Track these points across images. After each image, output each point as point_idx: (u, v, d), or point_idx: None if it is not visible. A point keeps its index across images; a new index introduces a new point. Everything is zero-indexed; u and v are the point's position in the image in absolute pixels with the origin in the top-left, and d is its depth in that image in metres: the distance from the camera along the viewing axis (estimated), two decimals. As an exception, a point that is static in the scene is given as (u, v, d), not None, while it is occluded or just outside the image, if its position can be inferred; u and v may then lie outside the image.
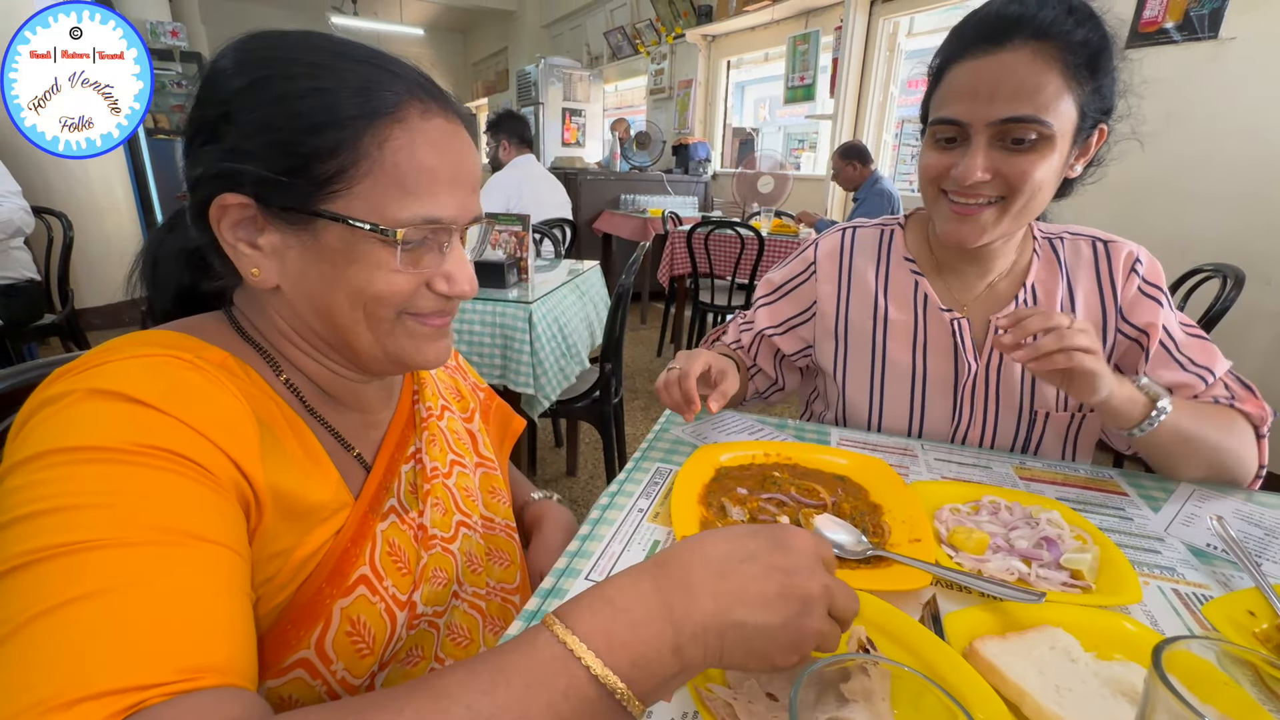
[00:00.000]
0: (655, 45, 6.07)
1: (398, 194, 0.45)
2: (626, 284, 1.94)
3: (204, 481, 0.39)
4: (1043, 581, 0.54)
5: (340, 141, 0.44)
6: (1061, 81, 0.67)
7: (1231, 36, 2.35)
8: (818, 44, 4.49)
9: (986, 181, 0.72)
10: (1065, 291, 0.84)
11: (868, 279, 0.92)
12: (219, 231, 0.46)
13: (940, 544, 0.60)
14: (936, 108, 0.75)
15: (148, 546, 0.35)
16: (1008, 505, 0.65)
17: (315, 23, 8.49)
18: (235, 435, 0.41)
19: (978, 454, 0.84)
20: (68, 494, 0.35)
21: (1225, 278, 1.99)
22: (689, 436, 0.85)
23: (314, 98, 0.44)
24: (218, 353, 0.46)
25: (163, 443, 0.38)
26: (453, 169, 0.48)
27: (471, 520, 0.64)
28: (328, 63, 0.45)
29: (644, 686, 0.34)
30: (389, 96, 0.45)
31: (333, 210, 0.45)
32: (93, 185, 4.08)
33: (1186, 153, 2.49)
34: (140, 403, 0.38)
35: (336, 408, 0.55)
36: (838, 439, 0.87)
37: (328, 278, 0.46)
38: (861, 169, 3.54)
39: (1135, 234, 0.87)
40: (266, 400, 0.47)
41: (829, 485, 0.68)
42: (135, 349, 0.42)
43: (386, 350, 0.50)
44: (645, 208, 4.94)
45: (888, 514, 0.64)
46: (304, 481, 0.47)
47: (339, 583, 0.49)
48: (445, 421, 0.66)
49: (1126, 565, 0.56)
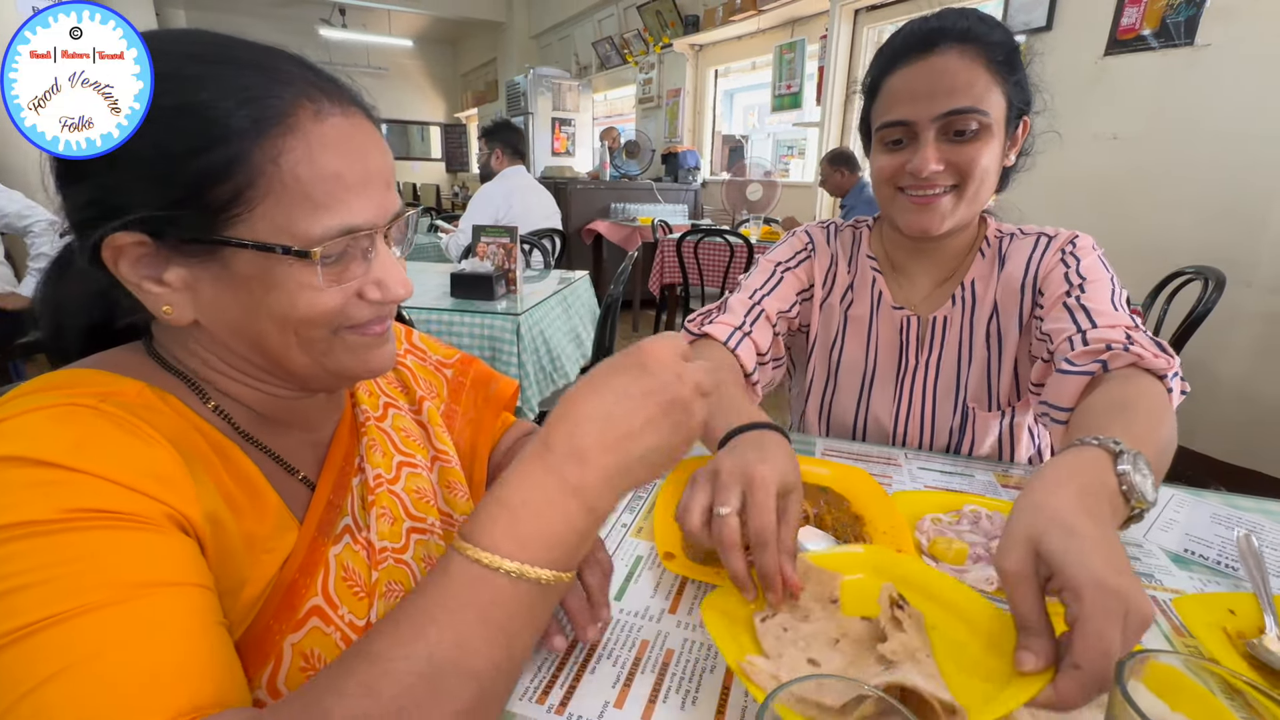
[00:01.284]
0: (643, 55, 6.12)
1: (305, 208, 0.41)
2: (616, 294, 1.95)
3: (139, 528, 0.36)
4: (1022, 591, 0.55)
5: (229, 160, 0.38)
6: (989, 76, 0.75)
7: (1207, 43, 2.39)
8: (804, 53, 4.54)
9: (940, 171, 0.77)
10: (997, 287, 0.87)
11: (844, 271, 0.97)
12: (118, 272, 0.41)
13: (922, 555, 0.60)
14: (880, 115, 0.81)
15: (103, 609, 0.33)
16: (988, 514, 0.66)
17: (304, 35, 8.51)
18: (156, 478, 0.38)
19: (959, 462, 0.85)
20: (8, 574, 0.32)
21: (1207, 280, 2.01)
22: (674, 449, 0.85)
23: (190, 116, 0.38)
24: (131, 385, 0.42)
25: (83, 503, 0.35)
26: (361, 170, 0.43)
27: (426, 523, 0.59)
28: (199, 73, 0.40)
29: (569, 558, 0.37)
30: (275, 103, 0.40)
31: (237, 237, 0.40)
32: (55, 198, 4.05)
33: (1166, 157, 2.53)
34: (49, 464, 0.35)
35: (274, 429, 0.51)
36: (822, 449, 0.88)
37: (248, 307, 0.42)
38: (849, 175, 3.58)
39: (1117, 238, 0.90)
40: (190, 431, 0.43)
41: (811, 496, 0.69)
42: (32, 399, 0.38)
43: (327, 369, 0.47)
44: (635, 216, 4.96)
45: (869, 525, 0.64)
46: (241, 516, 0.44)
47: (288, 617, 0.46)
48: (389, 421, 0.62)
49: (1104, 573, 0.56)
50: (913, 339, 0.91)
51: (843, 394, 0.96)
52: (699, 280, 3.56)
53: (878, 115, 0.81)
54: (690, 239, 3.45)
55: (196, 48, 0.41)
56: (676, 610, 0.54)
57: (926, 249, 0.89)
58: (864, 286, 0.95)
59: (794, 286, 0.96)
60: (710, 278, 3.55)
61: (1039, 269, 0.85)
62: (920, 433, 0.93)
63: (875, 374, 0.94)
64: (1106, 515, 0.46)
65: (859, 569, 0.52)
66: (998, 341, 0.88)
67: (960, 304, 0.89)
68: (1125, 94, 2.64)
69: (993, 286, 0.88)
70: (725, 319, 0.90)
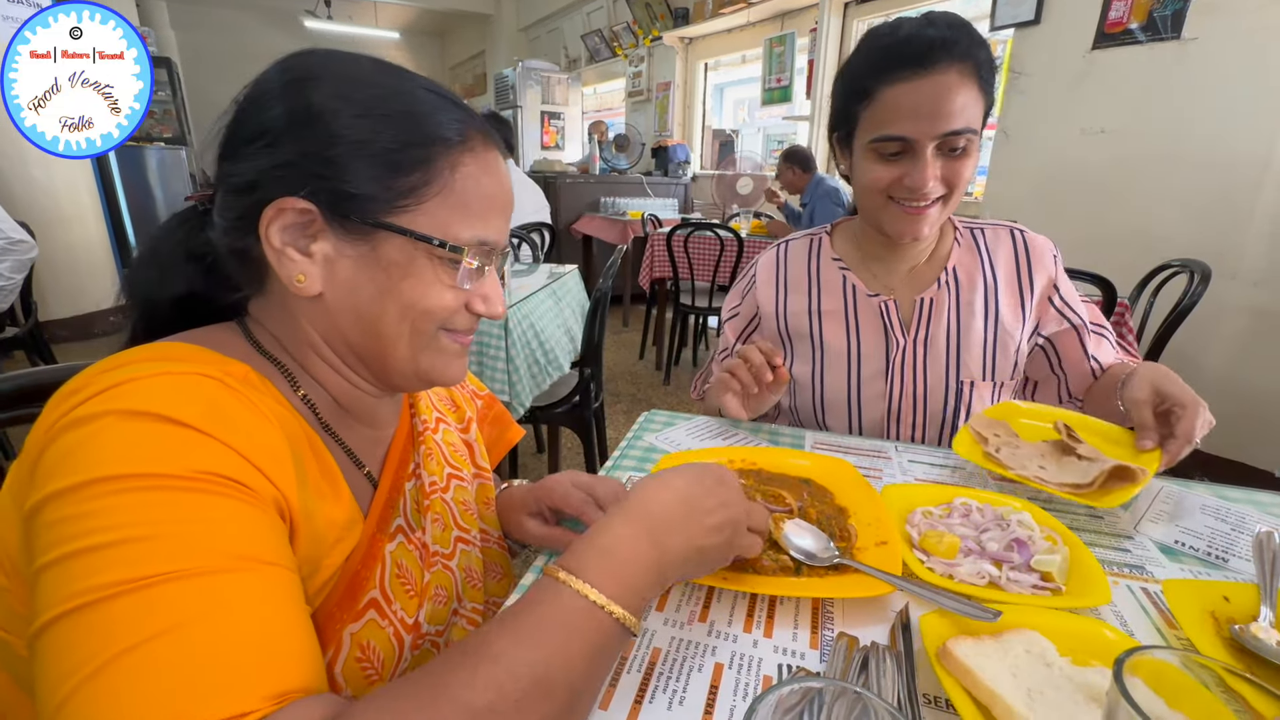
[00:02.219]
0: (633, 48, 6.07)
1: (461, 214, 0.48)
2: (605, 288, 1.93)
3: (254, 503, 0.38)
4: (1013, 584, 0.54)
5: (424, 160, 0.46)
6: (978, 93, 0.80)
7: (1194, 37, 2.40)
8: (793, 46, 4.52)
9: (934, 186, 0.82)
10: (987, 273, 0.94)
11: (800, 281, 1.01)
12: (266, 235, 0.45)
13: (912, 549, 0.59)
14: (877, 124, 0.82)
15: (215, 575, 0.34)
16: (979, 507, 0.65)
17: (289, 27, 8.38)
18: (272, 458, 0.41)
19: (949, 455, 0.84)
20: (125, 525, 0.34)
21: (1193, 273, 2.03)
22: (663, 444, 0.84)
23: (404, 117, 0.46)
24: (240, 366, 0.45)
25: (212, 466, 0.37)
26: (504, 198, 0.52)
27: (470, 535, 0.64)
28: (407, 88, 0.48)
29: (639, 609, 0.42)
30: (464, 127, 0.48)
31: (400, 224, 0.46)
32: (58, 194, 3.96)
33: (1152, 151, 2.54)
34: (182, 424, 0.37)
35: (349, 423, 0.54)
36: (812, 442, 0.87)
37: (381, 288, 0.47)
38: (801, 174, 3.58)
39: (1104, 231, 0.93)
40: (289, 418, 0.46)
41: (795, 489, 0.68)
42: (159, 365, 0.40)
43: (419, 366, 0.51)
44: (625, 210, 4.93)
45: (854, 516, 0.64)
46: (324, 503, 0.47)
47: (350, 607, 0.49)
48: (440, 434, 0.66)
49: (1095, 566, 0.56)
50: (896, 320, 0.94)
51: (832, 379, 0.97)
52: (689, 274, 3.54)
53: (873, 124, 0.83)
54: (680, 233, 3.44)
55: (395, 68, 0.49)
56: (664, 608, 0.53)
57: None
58: (832, 287, 0.98)
59: (738, 327, 1.07)
60: (700, 272, 3.53)
61: (1033, 273, 0.94)
62: (915, 409, 0.94)
63: (861, 356, 0.96)
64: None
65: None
66: (995, 323, 0.93)
67: (947, 288, 0.94)
68: (1113, 88, 2.65)
69: (980, 272, 0.94)
70: (712, 381, 1.02)
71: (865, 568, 0.54)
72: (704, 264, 3.52)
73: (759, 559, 0.55)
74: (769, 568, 0.55)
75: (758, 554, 0.51)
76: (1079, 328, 0.93)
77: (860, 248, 0.99)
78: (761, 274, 1.04)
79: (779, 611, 0.53)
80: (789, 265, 1.02)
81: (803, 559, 0.55)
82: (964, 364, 0.93)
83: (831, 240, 1.02)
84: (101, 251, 4.30)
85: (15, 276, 2.38)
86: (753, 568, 0.55)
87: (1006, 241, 0.95)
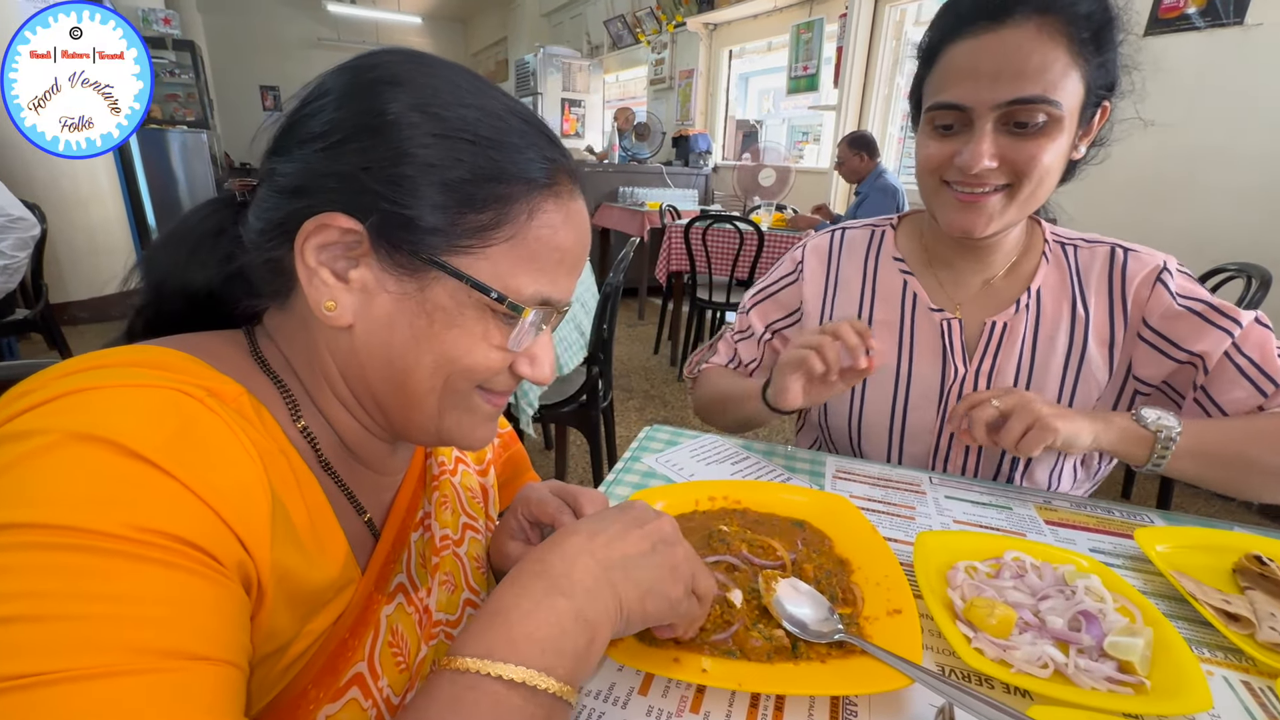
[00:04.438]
0: (656, 34, 5.93)
1: (528, 267, 0.40)
2: (615, 282, 1.83)
3: (208, 574, 0.31)
4: (1084, 675, 0.44)
5: (498, 198, 0.39)
6: (1068, 58, 0.63)
7: (1259, 22, 2.22)
8: (821, 32, 4.35)
9: (994, 169, 0.66)
10: (1077, 301, 0.77)
11: (854, 280, 0.86)
12: (300, 250, 0.38)
13: (956, 621, 0.49)
14: (933, 92, 0.69)
15: (122, 678, 0.26)
16: (1034, 564, 0.55)
17: (312, 11, 8.36)
18: (247, 507, 0.33)
19: (994, 490, 0.73)
20: (30, 594, 0.26)
21: (1250, 278, 1.88)
22: (662, 468, 0.74)
23: (489, 145, 0.39)
24: (232, 387, 0.37)
25: (163, 524, 0.29)
26: (578, 253, 0.44)
27: (480, 598, 0.56)
28: (498, 111, 0.40)
29: (568, 667, 0.34)
30: (547, 165, 0.41)
31: (457, 267, 0.39)
32: (78, 176, 3.96)
33: (1208, 145, 2.36)
34: (140, 457, 0.30)
35: (352, 463, 0.47)
36: (834, 470, 0.76)
37: (420, 334, 0.40)
38: (867, 160, 3.41)
39: (1152, 232, 0.80)
40: (277, 455, 0.39)
41: (787, 535, 0.58)
42: (131, 374, 0.33)
43: (443, 424, 0.44)
44: (644, 201, 4.81)
45: (858, 571, 0.53)
46: (311, 560, 0.39)
47: (329, 683, 0.40)
48: (459, 477, 0.58)
49: (1188, 654, 0.45)
50: (958, 343, 0.79)
51: (874, 400, 0.83)
52: (707, 268, 3.42)
53: (930, 91, 0.69)
54: (699, 225, 3.32)
55: (490, 89, 0.42)
56: (648, 692, 0.44)
57: (977, 244, 0.77)
58: (889, 293, 0.84)
59: (771, 313, 0.92)
60: (719, 266, 3.41)
61: (1127, 299, 0.75)
62: (967, 450, 0.81)
63: (912, 378, 0.81)
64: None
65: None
66: (1078, 363, 0.76)
67: (1027, 312, 0.78)
68: (1167, 77, 2.46)
69: (1068, 300, 0.77)
70: (715, 360, 0.94)
71: (876, 650, 0.43)
72: (723, 258, 3.40)
73: (746, 638, 0.45)
74: (760, 648, 0.45)
75: (697, 626, 0.44)
76: (1194, 362, 0.71)
77: (927, 249, 0.84)
78: (811, 264, 0.89)
79: (789, 704, 0.43)
80: (843, 260, 0.88)
81: (798, 633, 0.46)
82: None
83: (896, 235, 0.87)
84: (121, 234, 4.30)
85: (18, 254, 2.35)
86: (740, 649, 0.45)
87: (1102, 261, 0.77)
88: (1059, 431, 0.65)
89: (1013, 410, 0.67)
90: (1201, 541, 0.61)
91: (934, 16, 0.70)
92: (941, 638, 0.48)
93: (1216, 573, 0.58)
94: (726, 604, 0.48)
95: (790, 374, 0.71)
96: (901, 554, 0.57)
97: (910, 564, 0.55)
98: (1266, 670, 0.47)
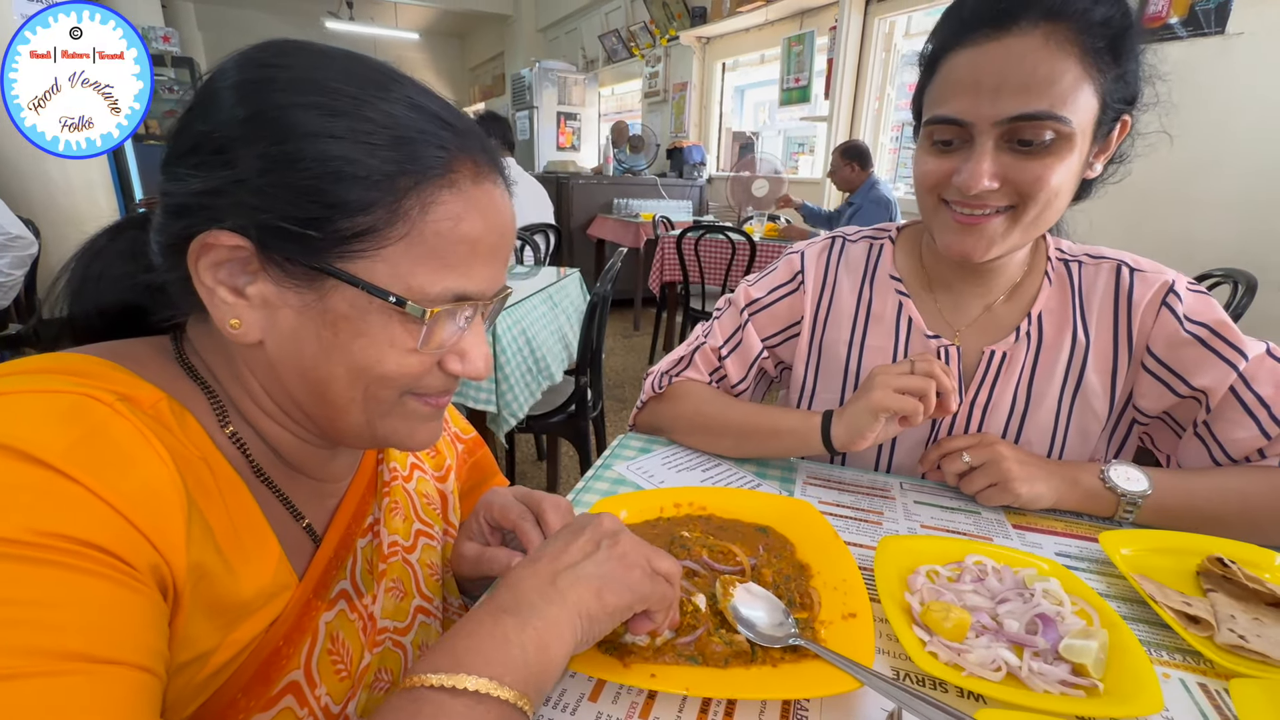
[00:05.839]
0: (650, 48, 5.99)
1: (431, 265, 0.38)
2: (602, 292, 1.84)
3: (118, 578, 0.30)
4: (1037, 678, 0.43)
5: (378, 197, 0.36)
6: (1080, 70, 0.57)
7: (1239, 31, 2.25)
8: (812, 45, 4.40)
9: (995, 190, 0.61)
10: (1077, 326, 0.73)
11: (849, 299, 0.81)
12: (195, 270, 0.37)
13: (913, 624, 0.49)
14: (932, 104, 0.64)
15: (32, 679, 0.26)
16: (995, 568, 0.54)
17: (310, 28, 8.45)
18: (158, 511, 0.33)
19: (963, 496, 0.73)
20: None
21: (1236, 284, 1.89)
22: (633, 475, 0.74)
23: (355, 141, 0.36)
24: (151, 393, 0.37)
25: (65, 528, 0.29)
26: (494, 242, 0.41)
27: (433, 605, 0.55)
28: (375, 100, 0.37)
29: (512, 676, 0.35)
30: (441, 154, 0.38)
31: (351, 273, 0.37)
32: (74, 193, 3.97)
33: (1193, 154, 2.38)
34: (41, 463, 0.29)
35: (289, 471, 0.46)
36: (804, 477, 0.76)
37: (327, 346, 0.38)
38: (859, 171, 3.43)
39: (1138, 240, 0.79)
40: (198, 463, 0.38)
41: (749, 541, 0.58)
42: (37, 380, 0.33)
43: (376, 432, 0.42)
44: (638, 212, 4.84)
45: (817, 576, 0.53)
46: (232, 568, 0.38)
47: (260, 692, 0.39)
48: (414, 484, 0.57)
49: (1142, 657, 0.45)
50: (955, 375, 0.72)
51: None
52: (699, 278, 3.43)
53: (930, 103, 0.65)
54: (691, 235, 3.33)
55: (373, 74, 0.39)
56: (598, 698, 0.43)
57: (978, 267, 0.72)
58: (884, 318, 0.79)
59: (768, 328, 0.85)
60: (711, 275, 3.42)
61: (1133, 323, 0.70)
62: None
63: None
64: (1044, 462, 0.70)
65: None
66: (1073, 394, 0.73)
67: (1028, 341, 0.73)
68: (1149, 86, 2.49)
69: (1069, 326, 0.73)
70: (690, 374, 0.86)
71: (828, 654, 0.43)
72: (715, 267, 3.41)
73: (708, 644, 0.45)
74: (720, 653, 0.45)
75: (674, 609, 0.45)
76: (1198, 398, 0.68)
77: (927, 269, 0.79)
78: (811, 273, 0.83)
79: (739, 709, 0.43)
80: (840, 276, 0.82)
81: (753, 637, 0.45)
82: (1025, 440, 0.74)
83: (895, 250, 0.81)
84: (116, 250, 4.32)
85: (14, 273, 2.36)
86: (701, 654, 0.45)
87: (1107, 282, 0.72)
88: (1020, 495, 0.66)
89: (982, 465, 0.68)
90: (1165, 544, 0.61)
91: (937, 21, 0.65)
92: (898, 641, 0.48)
93: (1180, 575, 0.58)
94: (694, 608, 0.48)
95: (880, 418, 0.65)
96: (867, 559, 0.57)
97: (873, 569, 0.55)
98: (1224, 672, 0.47)
